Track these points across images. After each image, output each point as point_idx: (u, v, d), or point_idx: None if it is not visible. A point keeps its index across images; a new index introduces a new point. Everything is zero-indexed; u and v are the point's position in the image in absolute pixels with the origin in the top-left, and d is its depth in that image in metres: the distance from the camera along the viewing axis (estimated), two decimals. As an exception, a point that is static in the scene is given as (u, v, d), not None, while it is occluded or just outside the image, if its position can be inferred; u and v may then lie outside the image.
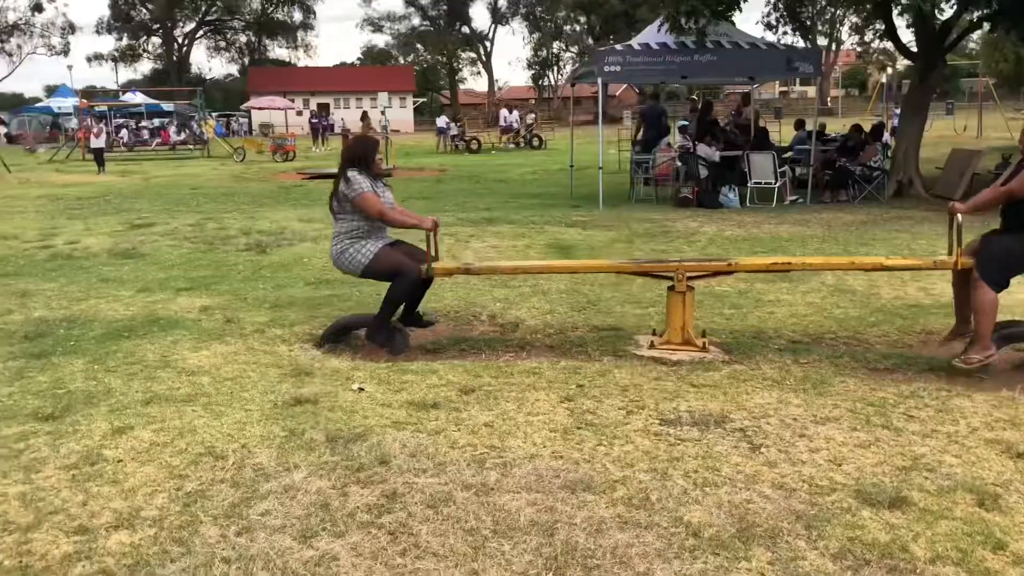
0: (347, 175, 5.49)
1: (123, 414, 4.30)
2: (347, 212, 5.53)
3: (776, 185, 13.61)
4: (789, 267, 5.38)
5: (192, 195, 17.00)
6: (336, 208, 5.59)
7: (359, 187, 5.44)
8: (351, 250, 5.53)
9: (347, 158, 5.63)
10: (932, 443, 3.88)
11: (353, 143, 5.78)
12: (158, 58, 77.21)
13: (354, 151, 5.67)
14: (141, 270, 8.47)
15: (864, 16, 20.80)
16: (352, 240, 5.55)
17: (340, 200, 5.53)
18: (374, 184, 5.54)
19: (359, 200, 5.43)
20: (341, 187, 5.50)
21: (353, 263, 5.54)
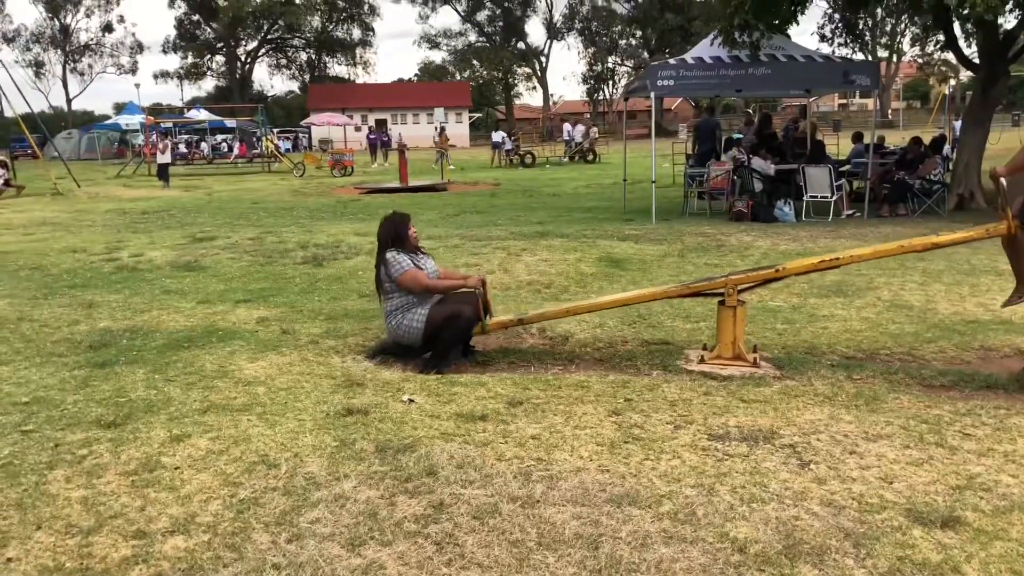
0: (385, 258, 5.63)
1: (181, 422, 4.43)
2: (394, 291, 5.66)
3: (832, 199, 13.41)
4: (837, 263, 5.31)
5: (252, 209, 17.37)
6: (384, 291, 5.72)
7: (399, 267, 5.58)
8: (405, 322, 5.64)
9: (381, 240, 5.76)
10: (988, 462, 3.80)
11: (383, 225, 5.82)
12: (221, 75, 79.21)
13: (386, 232, 5.75)
14: (202, 282, 8.70)
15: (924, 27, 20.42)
16: (404, 312, 5.65)
17: (384, 282, 5.67)
18: (414, 259, 5.67)
19: (402, 280, 5.58)
20: (382, 272, 5.65)
21: (411, 333, 5.63)
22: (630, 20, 75.30)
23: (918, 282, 7.91)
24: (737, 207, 13.53)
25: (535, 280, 8.37)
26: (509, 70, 78.65)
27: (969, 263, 8.78)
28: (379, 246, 5.78)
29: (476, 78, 79.04)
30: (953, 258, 9.04)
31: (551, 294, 7.75)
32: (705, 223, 13.17)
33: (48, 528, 3.31)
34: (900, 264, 8.73)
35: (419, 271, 5.63)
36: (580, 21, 77.37)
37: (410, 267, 5.59)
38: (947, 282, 7.87)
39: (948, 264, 8.72)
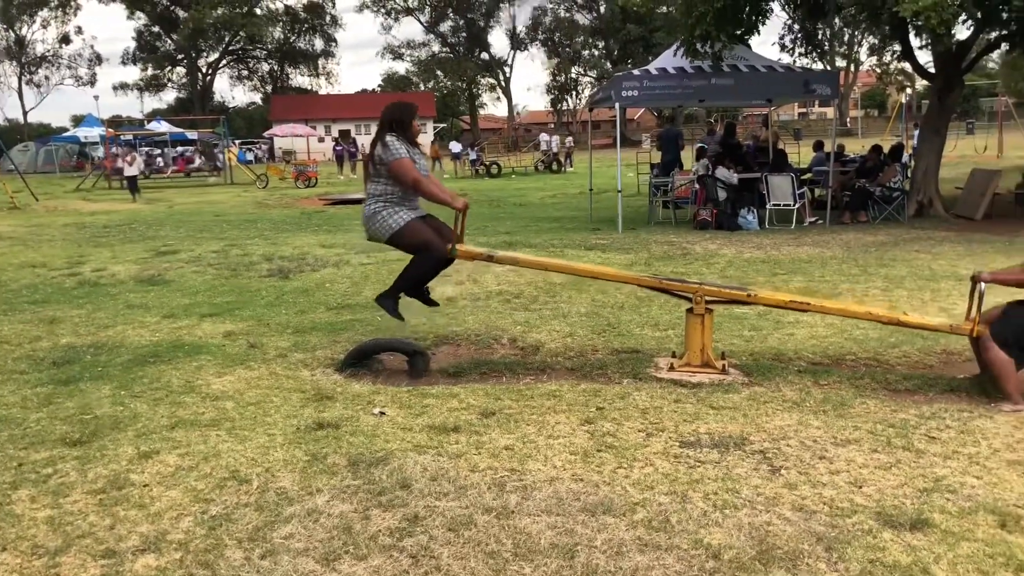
0: (384, 139, 5.40)
1: (149, 439, 4.37)
2: (381, 175, 5.45)
3: (795, 207, 13.59)
4: (807, 307, 5.45)
5: (216, 222, 17.20)
6: (371, 170, 5.51)
7: (395, 152, 5.36)
8: (383, 213, 5.46)
9: (385, 121, 5.51)
10: (953, 464, 3.87)
11: (392, 106, 5.56)
12: (182, 87, 78.31)
13: (392, 114, 5.51)
14: (166, 296, 8.59)
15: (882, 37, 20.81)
16: (385, 204, 5.47)
17: (376, 163, 5.46)
18: (411, 151, 5.46)
19: (395, 166, 5.36)
20: (378, 151, 5.42)
21: (383, 227, 5.47)
22: (592, 31, 75.81)
23: (881, 288, 8.03)
24: (701, 215, 13.66)
25: (504, 290, 8.37)
26: (473, 80, 78.74)
27: (930, 269, 8.95)
28: (379, 127, 5.53)
29: (440, 88, 79.03)
30: (915, 265, 9.20)
31: (521, 304, 7.76)
32: (671, 231, 13.28)
33: (13, 549, 3.25)
34: (863, 271, 8.87)
35: (413, 162, 5.43)
36: (543, 32, 77.70)
37: (406, 156, 5.38)
38: (909, 288, 8.00)
39: (910, 271, 8.87)
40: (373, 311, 7.44)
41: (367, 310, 7.59)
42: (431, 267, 5.62)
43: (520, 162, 36.95)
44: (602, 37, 75.09)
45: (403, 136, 5.46)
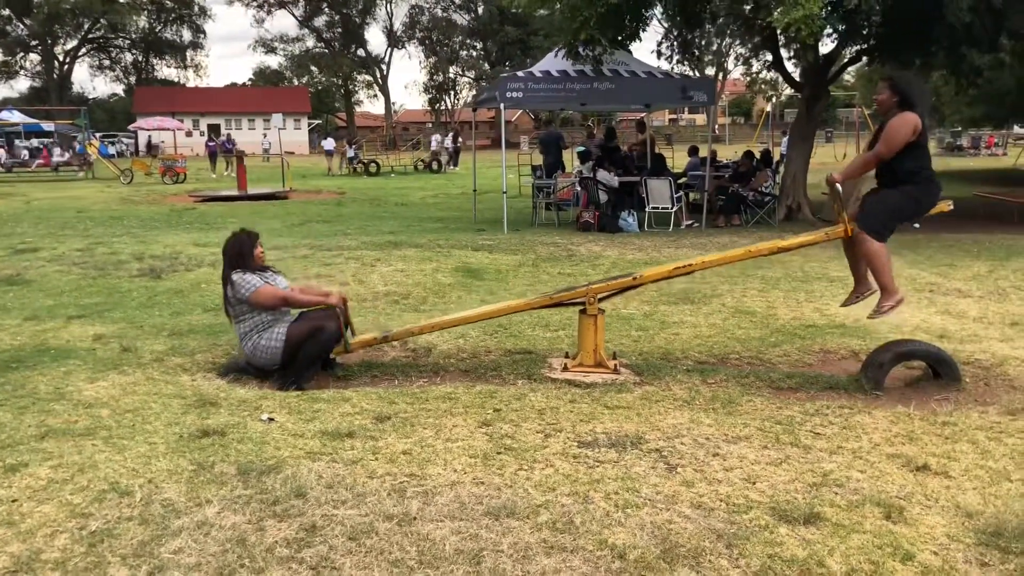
0: (232, 280, 5.38)
1: (15, 450, 4.05)
2: (245, 312, 5.41)
3: (673, 210, 13.96)
4: (691, 268, 5.53)
5: (78, 219, 16.27)
6: (233, 313, 5.46)
7: (249, 286, 5.35)
8: (263, 343, 5.39)
9: (226, 261, 5.50)
10: (839, 459, 4.02)
11: (227, 245, 5.55)
12: (37, 76, 73.97)
13: (230, 254, 5.50)
14: (27, 297, 8.04)
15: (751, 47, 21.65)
16: (260, 334, 5.41)
17: (233, 304, 5.42)
18: (263, 276, 5.45)
19: (255, 297, 5.34)
20: (229, 293, 5.41)
21: (269, 353, 5.39)
22: (470, 31, 75.97)
23: (758, 289, 8.33)
24: (584, 218, 13.86)
25: (392, 291, 8.24)
26: (349, 77, 77.58)
27: (803, 271, 9.34)
28: (224, 266, 5.52)
29: (315, 84, 77.52)
30: (789, 266, 9.59)
31: (410, 304, 7.65)
32: (555, 233, 13.41)
33: None
34: (741, 272, 9.17)
35: (271, 286, 5.41)
36: (421, 30, 77.35)
37: (260, 284, 5.36)
38: (785, 289, 8.33)
39: (784, 272, 9.24)
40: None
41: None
42: (325, 346, 5.50)
43: (399, 161, 36.59)
44: (480, 38, 75.35)
45: (248, 267, 5.45)
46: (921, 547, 3.16)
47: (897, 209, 5.20)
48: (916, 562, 3.05)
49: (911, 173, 5.11)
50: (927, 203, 5.21)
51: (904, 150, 5.04)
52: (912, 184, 5.13)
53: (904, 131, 5.00)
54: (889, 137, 5.04)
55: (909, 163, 5.09)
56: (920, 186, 5.15)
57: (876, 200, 5.25)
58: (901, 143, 5.01)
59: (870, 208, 5.24)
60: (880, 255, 5.12)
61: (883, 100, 5.16)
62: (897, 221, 5.26)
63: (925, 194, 5.18)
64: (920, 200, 5.19)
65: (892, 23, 12.72)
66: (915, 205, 5.21)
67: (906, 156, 5.06)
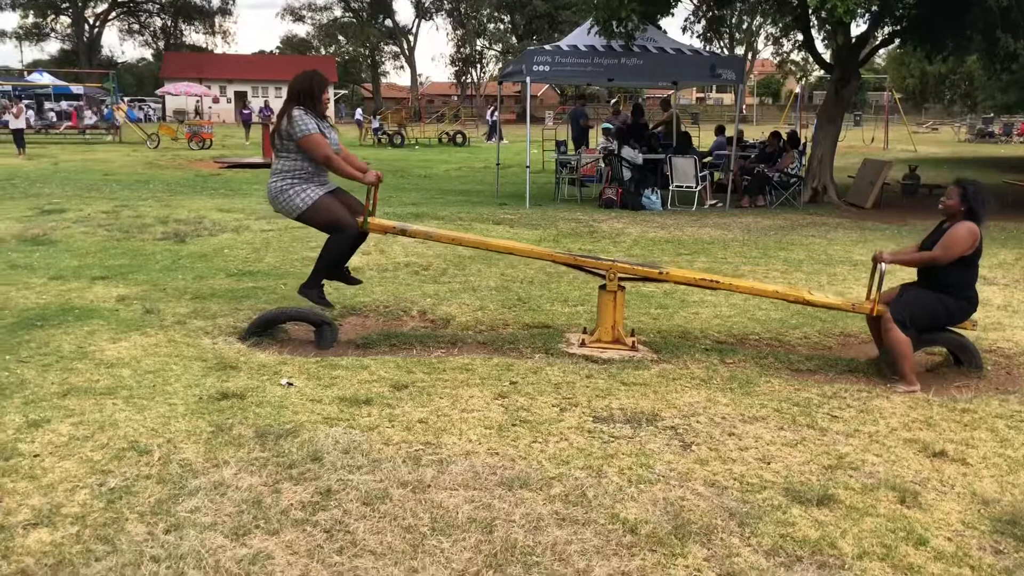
0: (291, 113, 5.17)
1: (39, 407, 4.11)
2: (289, 151, 5.24)
3: (697, 189, 13.87)
4: (717, 285, 5.55)
5: (105, 181, 16.38)
6: (277, 144, 5.27)
7: (305, 127, 5.14)
8: (291, 191, 5.25)
9: (292, 93, 5.27)
10: (855, 442, 4.01)
11: (300, 76, 5.30)
12: (67, 38, 74.20)
13: (301, 84, 5.27)
14: (53, 257, 8.13)
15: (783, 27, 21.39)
16: (293, 180, 5.26)
17: (283, 138, 5.22)
18: (320, 124, 5.25)
19: (305, 142, 5.15)
20: (284, 125, 5.18)
21: (291, 205, 5.27)
22: (499, 4, 75.36)
23: (781, 271, 8.27)
24: (607, 194, 13.79)
25: (413, 262, 8.25)
26: (376, 47, 77.29)
27: (827, 254, 9.26)
28: (287, 98, 5.30)
29: (341, 54, 77.29)
30: (811, 249, 9.51)
31: (430, 276, 7.67)
32: (577, 209, 13.36)
33: None
34: (763, 254, 9.11)
35: (324, 138, 5.23)
36: (449, 2, 76.86)
37: (316, 130, 5.17)
38: (807, 271, 8.26)
39: (807, 255, 9.17)
40: (275, 279, 7.25)
41: (269, 277, 7.37)
42: (347, 246, 5.48)
43: (424, 133, 36.51)
44: (508, 11, 74.73)
45: (312, 109, 5.24)
46: (935, 532, 3.15)
47: (929, 313, 5.15)
48: (930, 547, 3.04)
49: (956, 287, 5.11)
50: (958, 318, 5.21)
51: (956, 261, 5.04)
52: (952, 297, 5.12)
53: (966, 243, 5.01)
54: (950, 244, 5.05)
55: (955, 276, 5.09)
56: (958, 302, 5.14)
57: (914, 295, 5.21)
58: (959, 253, 5.02)
59: (906, 299, 5.18)
60: (902, 345, 5.03)
61: (951, 206, 5.13)
62: (923, 323, 5.14)
63: (959, 310, 5.17)
64: (952, 313, 5.18)
65: (927, 4, 12.50)
66: (947, 318, 5.20)
67: (957, 267, 5.06)
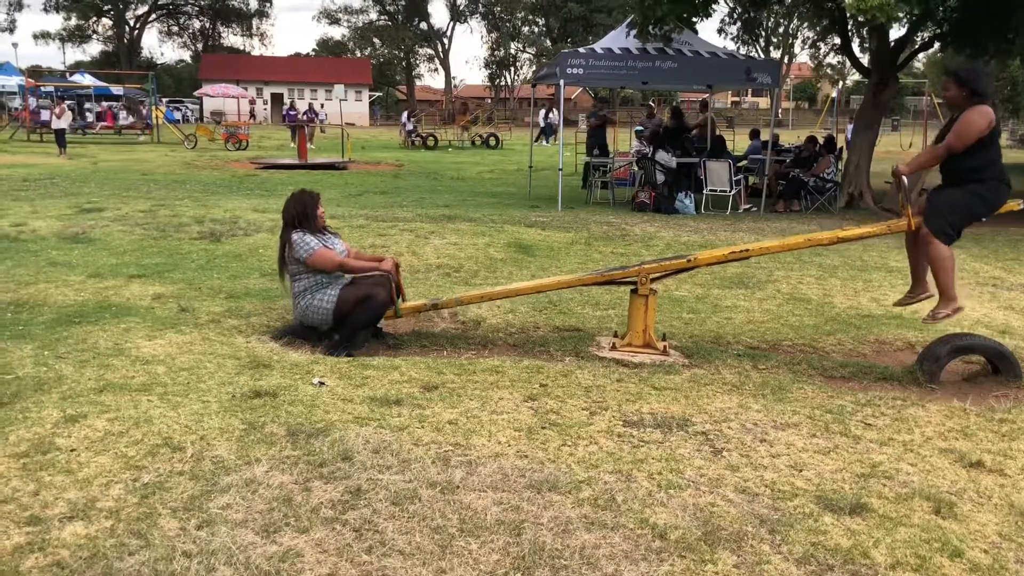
0: (291, 240, 5.42)
1: (75, 402, 4.18)
2: (302, 272, 5.46)
3: (731, 193, 13.77)
4: (748, 254, 5.42)
5: (143, 181, 16.63)
6: (291, 270, 5.50)
7: (308, 247, 5.38)
8: (315, 303, 5.46)
9: (287, 218, 5.52)
10: (889, 451, 3.95)
11: (290, 202, 5.56)
12: (108, 40, 75.45)
13: (293, 210, 5.51)
14: (91, 255, 8.26)
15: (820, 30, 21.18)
16: (313, 293, 5.47)
17: (291, 263, 5.47)
18: (322, 239, 5.49)
19: (312, 260, 5.39)
20: (287, 252, 5.45)
21: (321, 313, 5.45)
22: (533, 7, 75.42)
23: (815, 276, 8.19)
24: (640, 197, 13.74)
25: (444, 263, 8.28)
26: (411, 50, 77.69)
27: (862, 260, 9.16)
28: (284, 225, 5.55)
29: (377, 56, 77.79)
30: (847, 255, 9.41)
31: (461, 278, 7.69)
32: (609, 212, 13.32)
33: (-70, 514, 3.06)
34: (797, 259, 9.02)
35: (329, 250, 5.46)
36: (484, 5, 77.05)
37: (319, 247, 5.41)
38: (842, 277, 8.17)
39: (843, 260, 9.07)
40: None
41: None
42: (375, 313, 5.56)
43: (457, 135, 36.60)
44: (543, 14, 74.79)
45: (309, 228, 5.46)
46: (971, 544, 3.10)
47: (965, 209, 5.00)
48: (965, 559, 2.99)
49: (979, 171, 4.93)
50: (995, 202, 5.01)
51: (974, 146, 4.86)
52: (979, 183, 4.94)
53: (979, 123, 4.80)
54: (962, 129, 4.85)
55: (977, 160, 4.90)
56: (988, 184, 4.95)
57: (942, 199, 5.06)
58: (974, 136, 4.82)
59: (936, 207, 5.05)
60: (944, 259, 4.94)
61: (953, 96, 4.95)
62: (964, 222, 5.04)
63: (993, 192, 4.97)
64: (987, 199, 4.99)
65: (968, 7, 12.32)
66: (983, 204, 5.00)
67: (975, 152, 4.87)
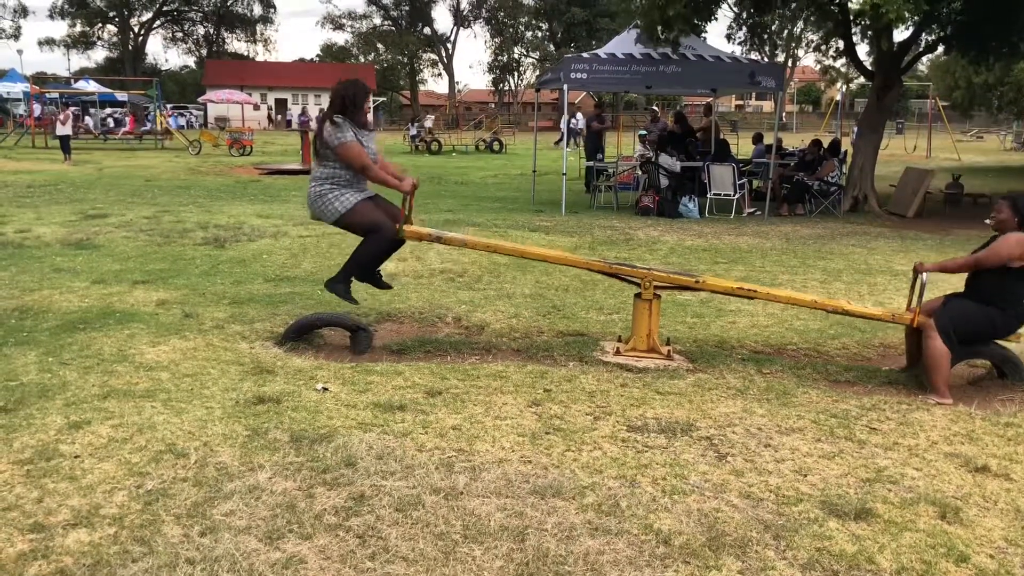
0: (333, 120, 5.24)
1: (79, 408, 4.18)
2: (328, 158, 5.31)
3: (735, 197, 13.75)
4: (754, 294, 5.45)
5: (147, 187, 16.66)
6: (320, 150, 5.35)
7: (343, 135, 5.20)
8: (329, 196, 5.31)
9: (336, 99, 5.33)
10: (894, 456, 3.94)
11: (344, 84, 5.37)
12: (113, 46, 75.68)
13: (343, 93, 5.33)
14: (95, 261, 8.27)
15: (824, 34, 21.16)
16: (332, 186, 5.33)
17: (323, 145, 5.30)
18: (359, 133, 5.30)
19: (341, 149, 5.22)
20: (326, 131, 5.26)
21: (329, 210, 5.32)
22: (537, 12, 75.50)
23: (820, 280, 8.17)
24: (644, 202, 13.73)
25: (448, 268, 8.28)
26: (415, 55, 77.77)
27: (866, 263, 9.14)
28: (330, 105, 5.36)
29: (380, 62, 77.89)
30: (851, 258, 9.39)
31: (464, 282, 7.68)
32: (613, 216, 13.32)
33: (-67, 521, 3.06)
34: (802, 263, 9.01)
35: (361, 146, 5.27)
36: (487, 10, 77.10)
37: (353, 139, 5.22)
38: (847, 281, 8.15)
39: (847, 264, 9.05)
40: (313, 284, 7.30)
41: (306, 283, 7.43)
42: (382, 249, 5.50)
43: (461, 140, 36.64)
44: (546, 19, 74.84)
45: (353, 117, 5.30)
46: (977, 549, 3.08)
47: (975, 325, 5.01)
48: (971, 564, 2.98)
49: (1002, 298, 4.98)
50: (1004, 332, 5.07)
51: (1006, 271, 4.91)
52: (999, 310, 4.99)
53: (1015, 249, 4.88)
54: (999, 248, 4.93)
55: (1005, 287, 4.96)
56: (1006, 315, 5.00)
57: (958, 306, 5.08)
58: (1007, 258, 4.89)
59: (950, 309, 5.06)
60: (941, 357, 4.91)
61: (1004, 219, 5.01)
62: (966, 335, 5.02)
63: (1005, 325, 5.03)
64: (998, 327, 5.04)
65: (973, 10, 12.29)
66: (991, 330, 5.05)
67: (1005, 277, 4.93)
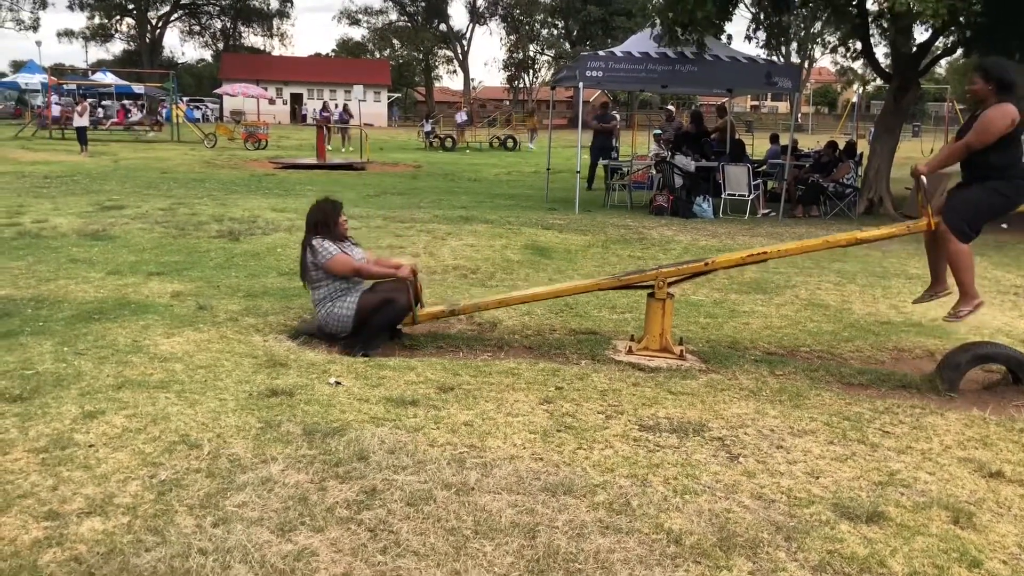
0: (312, 245, 5.48)
1: (94, 398, 4.21)
2: (322, 279, 5.51)
3: (749, 198, 13.71)
4: (765, 256, 5.38)
5: (162, 179, 16.73)
6: (312, 276, 5.54)
7: (326, 253, 5.44)
8: (336, 311, 5.50)
9: (309, 224, 5.60)
10: (907, 459, 3.92)
11: (312, 210, 5.65)
12: (131, 39, 75.97)
13: (315, 217, 5.59)
14: (111, 252, 8.32)
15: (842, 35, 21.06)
16: (333, 300, 5.51)
17: (313, 269, 5.51)
18: (342, 246, 5.54)
19: (331, 264, 5.44)
20: (308, 258, 5.50)
21: (342, 318, 5.49)
22: (552, 10, 75.40)
23: (834, 282, 8.14)
24: (658, 201, 13.70)
25: (461, 265, 8.28)
26: (430, 51, 77.83)
27: (881, 266, 9.10)
28: (306, 231, 5.61)
29: (396, 58, 77.97)
30: (866, 261, 9.35)
31: (478, 279, 7.69)
32: (627, 215, 13.29)
33: (-50, 507, 3.09)
34: (816, 264, 8.97)
35: (346, 255, 5.50)
36: (503, 7, 77.08)
37: (337, 252, 5.45)
38: (861, 284, 8.12)
39: (862, 267, 9.01)
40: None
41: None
42: (394, 317, 5.60)
43: (475, 137, 36.65)
44: (562, 16, 74.74)
45: (329, 235, 5.52)
46: (990, 555, 3.07)
47: (984, 207, 4.97)
48: (983, 570, 2.96)
49: (1000, 168, 4.88)
50: (1016, 200, 4.97)
51: (995, 143, 4.81)
52: (1001, 180, 4.90)
53: (1001, 122, 4.76)
54: (983, 127, 4.80)
55: (999, 157, 4.86)
56: (1009, 182, 4.91)
57: (962, 196, 5.03)
58: (995, 135, 4.77)
59: (955, 204, 5.03)
60: (963, 256, 4.92)
61: (979, 89, 4.88)
62: (983, 219, 5.03)
63: (1013, 188, 4.93)
64: (1008, 197, 4.94)
65: (993, 12, 12.18)
66: (1003, 202, 4.96)
67: (996, 149, 4.83)
